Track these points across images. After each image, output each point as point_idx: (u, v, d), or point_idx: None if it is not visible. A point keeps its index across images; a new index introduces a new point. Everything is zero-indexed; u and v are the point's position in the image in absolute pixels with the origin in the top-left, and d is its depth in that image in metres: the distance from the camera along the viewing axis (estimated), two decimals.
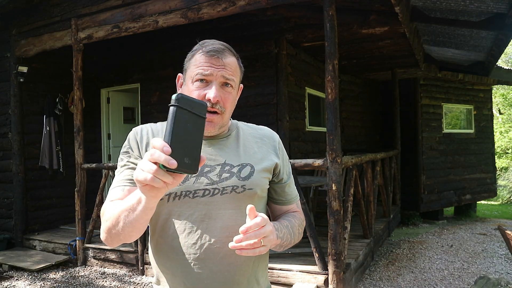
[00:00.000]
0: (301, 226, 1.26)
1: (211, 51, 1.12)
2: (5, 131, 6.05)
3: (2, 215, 6.12)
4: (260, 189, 1.17)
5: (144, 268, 4.70)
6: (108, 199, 1.11)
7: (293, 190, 1.29)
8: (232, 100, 1.16)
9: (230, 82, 1.13)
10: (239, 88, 1.21)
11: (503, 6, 4.40)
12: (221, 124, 1.15)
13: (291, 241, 1.19)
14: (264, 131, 1.28)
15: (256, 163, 1.17)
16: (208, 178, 1.12)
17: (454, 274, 4.98)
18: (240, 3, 4.19)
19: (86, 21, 5.18)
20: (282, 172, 1.24)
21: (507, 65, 17.33)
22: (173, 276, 1.13)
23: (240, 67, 1.19)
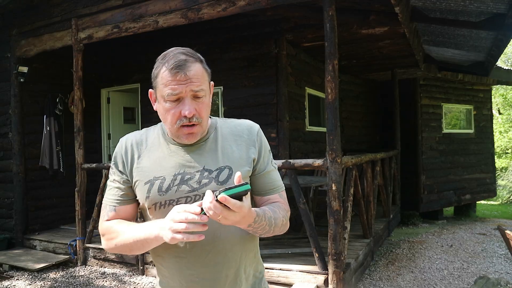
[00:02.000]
0: (285, 216, 1.24)
1: (174, 68, 1.14)
2: (6, 131, 6.06)
3: (3, 215, 6.12)
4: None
5: (144, 268, 4.71)
6: (103, 218, 1.26)
7: (273, 180, 1.27)
8: (206, 107, 1.19)
9: (199, 93, 1.16)
10: (211, 89, 1.24)
11: (503, 6, 4.41)
12: (201, 132, 1.20)
13: (268, 229, 1.16)
14: (242, 127, 1.28)
15: (235, 164, 1.20)
16: (188, 186, 1.18)
17: (453, 274, 4.99)
18: (240, 3, 4.20)
19: (86, 21, 5.19)
20: (258, 162, 1.26)
21: (506, 65, 17.34)
22: (170, 274, 1.23)
23: (205, 70, 1.21)
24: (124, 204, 1.25)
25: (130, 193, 1.25)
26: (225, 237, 1.18)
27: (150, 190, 1.19)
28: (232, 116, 5.86)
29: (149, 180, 1.20)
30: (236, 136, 1.26)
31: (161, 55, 1.21)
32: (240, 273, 1.24)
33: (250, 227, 1.10)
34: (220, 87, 5.96)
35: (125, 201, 1.25)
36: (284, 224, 1.24)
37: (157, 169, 1.21)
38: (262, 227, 1.13)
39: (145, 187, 1.20)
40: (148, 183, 1.20)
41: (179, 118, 1.15)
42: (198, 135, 1.19)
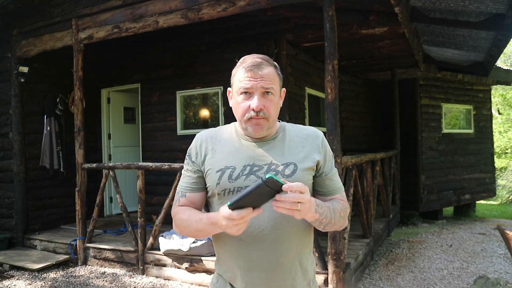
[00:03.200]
0: (344, 211, 1.38)
1: (249, 66, 1.32)
2: (6, 131, 6.06)
3: (3, 214, 6.13)
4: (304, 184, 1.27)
5: (145, 268, 4.72)
6: (175, 203, 1.45)
7: (335, 182, 1.43)
8: (274, 105, 1.35)
9: (270, 90, 1.32)
10: (281, 93, 1.40)
11: (502, 6, 4.42)
12: (267, 126, 1.35)
13: (331, 221, 1.30)
14: (308, 131, 1.44)
15: (299, 161, 1.34)
16: (256, 176, 1.31)
17: (453, 273, 5.00)
18: (240, 3, 4.21)
19: (86, 21, 5.20)
20: (323, 166, 1.40)
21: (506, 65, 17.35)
22: (229, 258, 1.37)
23: (278, 74, 1.37)
24: (194, 192, 1.43)
25: (200, 182, 1.42)
26: (284, 227, 1.31)
27: (221, 178, 1.34)
28: (232, 116, 5.87)
29: (220, 169, 1.35)
30: (302, 138, 1.40)
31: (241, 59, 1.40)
32: (295, 265, 1.35)
33: (317, 214, 1.22)
34: (220, 87, 5.97)
35: (195, 188, 1.43)
36: (343, 216, 1.37)
37: (228, 160, 1.36)
38: (325, 215, 1.26)
39: (216, 174, 1.35)
40: (220, 171, 1.35)
41: (248, 111, 1.32)
42: (264, 128, 1.34)
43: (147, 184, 4.99)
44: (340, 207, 1.36)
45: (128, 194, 7.11)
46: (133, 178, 6.54)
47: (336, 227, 1.35)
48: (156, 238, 4.70)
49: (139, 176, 4.83)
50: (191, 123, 6.46)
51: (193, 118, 6.51)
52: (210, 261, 4.29)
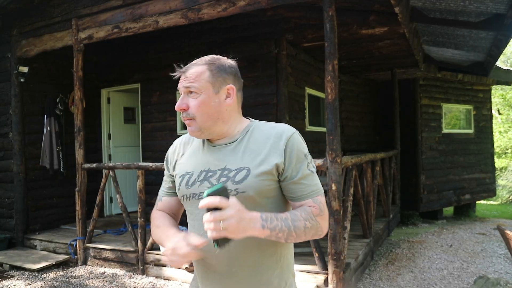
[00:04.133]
0: (311, 219, 1.23)
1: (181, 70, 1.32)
2: (6, 131, 6.06)
3: (3, 215, 6.13)
4: (255, 192, 1.22)
5: (145, 268, 4.72)
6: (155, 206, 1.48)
7: (305, 186, 1.27)
8: (200, 104, 1.27)
9: (190, 89, 1.28)
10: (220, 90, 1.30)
11: (502, 6, 4.42)
12: (198, 127, 1.29)
13: (291, 234, 1.18)
14: (274, 131, 1.30)
15: (254, 165, 1.24)
16: (209, 182, 1.26)
17: (453, 273, 5.00)
18: (240, 3, 4.21)
19: (86, 21, 5.20)
20: (287, 170, 1.25)
21: (506, 65, 17.35)
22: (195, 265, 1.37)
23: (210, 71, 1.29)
24: (169, 196, 1.46)
25: (174, 187, 1.42)
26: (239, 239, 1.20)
27: (180, 184, 1.34)
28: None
29: (182, 175, 1.35)
30: (265, 139, 1.29)
31: None
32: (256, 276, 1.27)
33: (266, 230, 1.13)
34: None
35: (170, 193, 1.45)
36: (309, 227, 1.22)
37: (189, 165, 1.35)
38: (279, 229, 1.15)
39: (178, 180, 1.36)
40: (181, 177, 1.35)
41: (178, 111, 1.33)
42: (194, 129, 1.30)
43: (147, 184, 4.99)
44: (305, 216, 1.22)
45: (128, 194, 7.11)
46: (133, 178, 6.53)
47: (304, 239, 1.23)
48: None
49: (139, 176, 4.83)
50: None
51: None
52: None
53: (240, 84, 1.37)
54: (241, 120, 1.37)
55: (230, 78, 1.32)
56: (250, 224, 1.10)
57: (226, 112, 1.31)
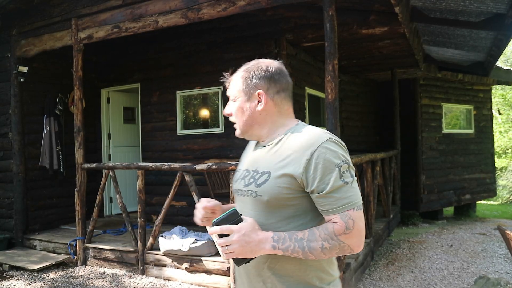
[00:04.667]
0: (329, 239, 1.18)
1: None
2: (6, 131, 6.06)
3: (3, 215, 6.12)
4: (270, 197, 1.24)
5: (144, 268, 4.71)
6: None
7: (334, 200, 1.19)
8: (237, 110, 1.38)
9: (230, 96, 1.40)
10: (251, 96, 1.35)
11: (503, 6, 4.41)
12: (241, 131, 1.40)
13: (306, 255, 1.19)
14: (306, 139, 1.26)
15: (275, 171, 1.26)
16: (244, 181, 1.36)
17: (453, 274, 4.99)
18: (240, 3, 4.20)
19: (86, 21, 5.19)
20: (313, 183, 1.20)
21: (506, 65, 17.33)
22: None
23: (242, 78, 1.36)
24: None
25: None
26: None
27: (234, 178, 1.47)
28: None
29: (236, 171, 1.48)
30: (295, 146, 1.26)
31: None
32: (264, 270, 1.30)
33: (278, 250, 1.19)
34: (220, 87, 5.96)
35: None
36: (328, 248, 1.18)
37: (241, 163, 1.48)
38: (292, 249, 1.18)
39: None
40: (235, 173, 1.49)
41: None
42: (237, 132, 1.42)
43: (147, 184, 4.98)
44: (324, 236, 1.18)
45: (128, 194, 7.11)
46: (133, 178, 6.52)
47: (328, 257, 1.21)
48: (156, 238, 4.69)
49: (139, 176, 4.82)
50: (191, 123, 6.45)
51: (193, 118, 6.50)
52: (210, 261, 4.28)
53: (278, 87, 1.36)
54: (285, 123, 1.36)
55: (261, 84, 1.34)
56: (259, 245, 1.19)
57: (260, 117, 1.35)
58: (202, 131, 6.18)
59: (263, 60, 1.40)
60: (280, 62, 1.42)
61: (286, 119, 1.38)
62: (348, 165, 1.23)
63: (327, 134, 1.27)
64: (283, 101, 1.38)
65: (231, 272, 4.11)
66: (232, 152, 5.82)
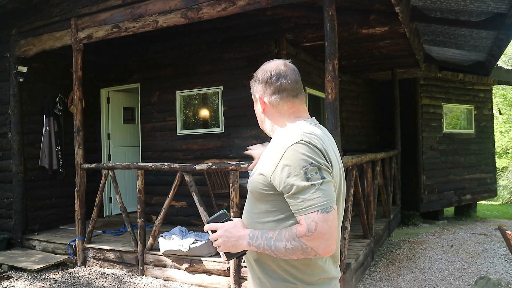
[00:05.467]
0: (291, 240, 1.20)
1: None
2: (5, 131, 6.04)
3: (2, 215, 6.11)
4: (252, 188, 1.36)
5: (144, 268, 4.69)
6: None
7: (300, 201, 1.19)
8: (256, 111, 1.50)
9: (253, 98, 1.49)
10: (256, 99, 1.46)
11: (504, 6, 4.40)
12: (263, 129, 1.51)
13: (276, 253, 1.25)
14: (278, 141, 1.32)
15: (258, 168, 1.37)
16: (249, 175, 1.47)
17: (454, 274, 4.98)
18: (240, 3, 4.19)
19: (85, 21, 5.18)
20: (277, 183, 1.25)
21: (507, 65, 17.31)
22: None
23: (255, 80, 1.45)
24: None
25: None
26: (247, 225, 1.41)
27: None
28: (232, 116, 5.88)
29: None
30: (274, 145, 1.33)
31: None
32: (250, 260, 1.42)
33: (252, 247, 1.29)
34: (220, 87, 5.95)
35: None
36: (291, 249, 1.20)
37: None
38: (263, 247, 1.26)
39: None
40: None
41: None
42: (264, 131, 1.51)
43: (146, 185, 4.97)
44: (287, 237, 1.21)
45: (128, 194, 7.10)
46: (133, 178, 6.52)
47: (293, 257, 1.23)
48: (155, 238, 4.68)
49: (139, 176, 4.81)
50: (191, 123, 6.44)
51: (193, 118, 6.49)
52: (210, 261, 4.27)
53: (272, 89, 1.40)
54: (286, 123, 1.40)
55: (259, 88, 1.44)
56: (238, 241, 1.30)
57: (264, 118, 1.47)
58: (202, 131, 6.17)
59: (270, 62, 1.46)
60: (285, 62, 1.44)
61: (288, 118, 1.40)
62: (318, 167, 1.21)
63: (300, 136, 1.25)
64: (281, 102, 1.40)
65: (231, 273, 4.10)
66: (232, 152, 5.81)
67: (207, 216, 4.25)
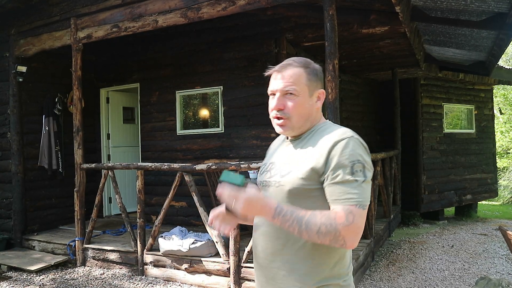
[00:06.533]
0: (327, 225, 1.22)
1: (276, 69, 1.41)
2: (4, 131, 6.03)
3: (1, 215, 6.10)
4: (292, 186, 1.33)
5: (144, 269, 4.68)
6: None
7: (341, 192, 1.25)
8: (298, 105, 1.37)
9: (290, 91, 1.37)
10: (316, 94, 1.41)
11: (504, 5, 4.38)
12: (291, 126, 1.39)
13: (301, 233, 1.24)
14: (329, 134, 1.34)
15: (296, 164, 1.35)
16: (268, 174, 1.44)
17: (455, 274, 4.97)
18: (240, 2, 4.17)
19: (85, 20, 5.17)
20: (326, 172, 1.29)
21: (508, 65, 17.30)
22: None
23: (307, 74, 1.39)
24: None
25: None
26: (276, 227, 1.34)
27: (258, 172, 1.54)
28: (232, 116, 5.87)
29: (261, 164, 1.55)
30: (321, 140, 1.35)
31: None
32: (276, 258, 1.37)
33: (275, 220, 1.25)
34: (220, 86, 5.94)
35: None
36: (324, 233, 1.21)
37: (268, 157, 1.56)
38: (289, 224, 1.24)
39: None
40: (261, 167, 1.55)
41: (272, 110, 1.41)
42: (287, 128, 1.40)
43: (146, 185, 4.96)
44: (323, 221, 1.22)
45: (127, 194, 7.09)
46: (133, 179, 6.50)
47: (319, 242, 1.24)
48: (155, 238, 4.67)
49: (139, 176, 4.80)
50: (190, 123, 6.43)
51: (192, 118, 6.48)
52: (209, 262, 4.26)
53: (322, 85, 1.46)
54: (320, 120, 1.46)
55: (320, 83, 1.43)
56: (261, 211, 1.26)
57: (314, 113, 1.43)
58: (202, 131, 6.16)
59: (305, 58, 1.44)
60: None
61: (321, 116, 1.49)
62: (363, 165, 1.27)
63: (351, 132, 1.34)
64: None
65: (231, 273, 4.09)
66: (232, 152, 5.80)
67: (207, 216, 4.24)
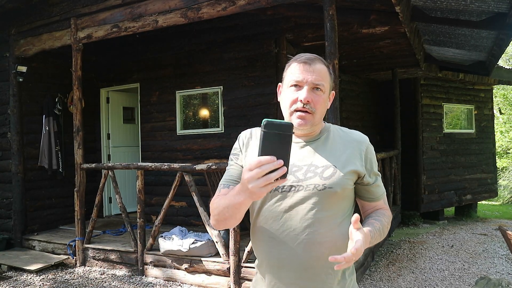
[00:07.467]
0: (389, 223, 1.38)
1: (303, 60, 1.32)
2: (4, 131, 6.04)
3: (1, 215, 6.10)
4: (341, 188, 1.31)
5: (144, 268, 4.69)
6: (216, 194, 1.37)
7: (379, 188, 1.41)
8: (322, 102, 1.35)
9: (319, 86, 1.32)
10: (330, 94, 1.40)
11: (504, 5, 4.38)
12: (312, 122, 1.33)
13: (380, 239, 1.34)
14: (353, 136, 1.42)
15: (340, 165, 1.32)
16: (295, 176, 1.31)
17: (454, 274, 4.97)
18: (240, 2, 4.17)
19: (85, 20, 5.17)
20: (367, 175, 1.37)
21: (508, 64, 17.31)
22: (261, 254, 1.38)
23: (330, 74, 1.37)
24: (234, 184, 1.35)
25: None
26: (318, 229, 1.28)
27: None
28: (232, 116, 5.87)
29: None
30: (346, 141, 1.39)
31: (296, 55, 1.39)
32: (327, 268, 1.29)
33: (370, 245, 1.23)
34: (220, 87, 5.94)
35: (235, 181, 1.37)
36: (388, 227, 1.38)
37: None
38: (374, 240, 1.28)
39: None
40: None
41: (295, 102, 1.31)
42: (308, 124, 1.32)
43: (146, 185, 4.96)
44: (387, 221, 1.37)
45: (128, 194, 7.09)
46: (133, 179, 6.51)
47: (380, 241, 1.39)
48: (155, 238, 4.67)
49: (139, 176, 4.80)
50: (190, 123, 6.43)
51: (192, 118, 6.48)
52: (209, 262, 4.26)
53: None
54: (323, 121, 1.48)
55: (331, 81, 1.41)
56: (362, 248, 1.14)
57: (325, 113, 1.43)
58: (202, 131, 6.16)
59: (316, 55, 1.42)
60: None
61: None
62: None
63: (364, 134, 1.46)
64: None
65: (231, 273, 4.09)
66: None
67: (207, 216, 4.24)
